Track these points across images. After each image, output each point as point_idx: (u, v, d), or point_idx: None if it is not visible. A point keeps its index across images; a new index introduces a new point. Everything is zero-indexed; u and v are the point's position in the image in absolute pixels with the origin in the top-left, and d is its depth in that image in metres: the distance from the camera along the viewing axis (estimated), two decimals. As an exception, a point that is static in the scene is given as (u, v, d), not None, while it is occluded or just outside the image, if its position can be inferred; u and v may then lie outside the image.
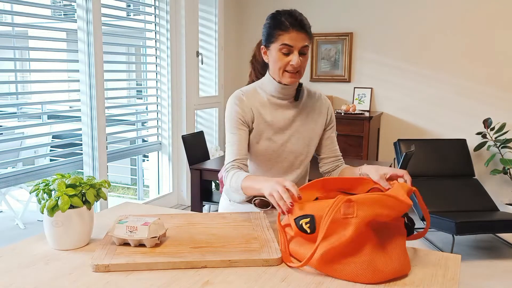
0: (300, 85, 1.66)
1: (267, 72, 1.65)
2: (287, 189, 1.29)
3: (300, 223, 1.22)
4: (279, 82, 1.60)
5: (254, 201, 1.71)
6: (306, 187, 1.34)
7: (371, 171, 1.39)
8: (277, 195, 1.30)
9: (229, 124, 1.64)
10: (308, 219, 1.20)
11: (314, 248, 1.14)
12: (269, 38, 1.56)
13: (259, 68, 1.72)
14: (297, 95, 1.66)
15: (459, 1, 4.37)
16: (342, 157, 1.76)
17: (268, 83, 1.64)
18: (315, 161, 1.81)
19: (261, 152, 1.65)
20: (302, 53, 1.55)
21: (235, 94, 1.66)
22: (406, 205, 1.18)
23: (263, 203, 1.71)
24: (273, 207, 1.69)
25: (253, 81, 1.73)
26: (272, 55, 1.57)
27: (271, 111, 1.64)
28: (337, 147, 1.75)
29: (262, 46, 1.62)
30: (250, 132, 1.64)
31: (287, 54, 1.54)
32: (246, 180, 1.50)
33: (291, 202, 1.26)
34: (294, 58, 1.53)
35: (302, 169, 1.71)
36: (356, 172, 1.55)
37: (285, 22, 1.53)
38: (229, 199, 1.79)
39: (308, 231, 1.20)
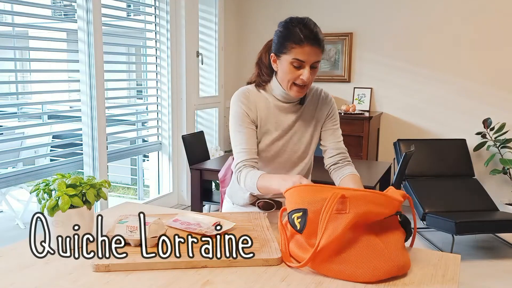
0: None
1: (274, 76, 1.61)
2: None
3: (293, 217, 1.20)
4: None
5: (258, 203, 1.70)
6: None
7: None
8: None
9: (235, 122, 1.59)
10: (300, 213, 1.18)
11: (313, 249, 1.14)
12: (281, 49, 1.50)
13: (265, 71, 1.64)
14: (302, 99, 1.64)
15: (459, 1, 4.37)
16: (346, 153, 1.70)
17: (275, 88, 1.61)
18: (318, 161, 1.80)
19: (262, 151, 1.64)
20: (313, 67, 1.51)
21: (241, 91, 1.63)
22: (396, 202, 1.18)
23: (267, 205, 1.70)
24: (277, 208, 1.69)
25: (254, 82, 1.68)
26: (283, 66, 1.52)
27: (275, 113, 1.62)
28: (340, 140, 1.71)
29: (272, 54, 1.56)
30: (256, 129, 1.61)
31: (298, 68, 1.49)
32: (261, 179, 1.47)
33: None
34: (305, 73, 1.49)
35: (303, 166, 1.69)
36: None
37: (299, 34, 1.45)
38: (232, 202, 1.78)
39: (298, 227, 1.18)
